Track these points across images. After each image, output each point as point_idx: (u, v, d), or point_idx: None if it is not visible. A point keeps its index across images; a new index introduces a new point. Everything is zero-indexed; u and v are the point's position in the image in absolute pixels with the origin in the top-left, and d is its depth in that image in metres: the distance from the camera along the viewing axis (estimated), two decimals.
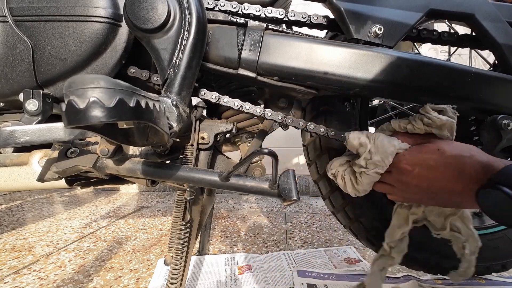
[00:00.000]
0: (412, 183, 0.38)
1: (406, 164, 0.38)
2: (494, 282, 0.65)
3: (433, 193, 0.37)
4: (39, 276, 0.73)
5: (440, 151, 0.37)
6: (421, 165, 0.37)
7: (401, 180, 0.39)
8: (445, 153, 0.36)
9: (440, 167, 0.36)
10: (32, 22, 0.38)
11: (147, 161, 0.37)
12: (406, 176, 0.38)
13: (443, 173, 0.36)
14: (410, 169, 0.38)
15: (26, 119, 0.37)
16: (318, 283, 0.65)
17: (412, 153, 0.39)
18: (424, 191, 0.38)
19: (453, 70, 0.42)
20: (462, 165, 0.35)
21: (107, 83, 0.20)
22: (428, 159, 0.37)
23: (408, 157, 0.39)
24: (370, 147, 0.40)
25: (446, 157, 0.36)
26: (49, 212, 1.31)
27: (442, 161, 0.36)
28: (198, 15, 0.37)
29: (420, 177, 0.37)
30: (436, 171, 0.36)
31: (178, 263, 0.44)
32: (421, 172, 0.37)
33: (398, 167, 0.39)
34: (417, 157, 0.38)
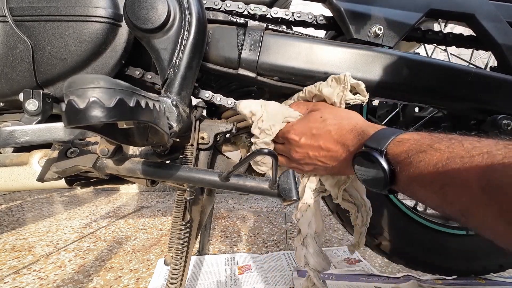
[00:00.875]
0: (300, 153, 0.38)
1: (293, 134, 0.38)
2: (494, 282, 0.65)
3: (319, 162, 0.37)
4: (39, 276, 0.73)
5: (322, 118, 0.37)
6: (306, 133, 0.37)
7: (291, 150, 0.39)
8: (326, 120, 0.36)
9: (322, 135, 0.36)
10: (32, 22, 0.38)
11: (147, 161, 0.37)
12: (295, 145, 0.38)
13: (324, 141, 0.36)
14: (297, 139, 0.38)
15: (26, 119, 0.37)
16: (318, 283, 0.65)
17: (300, 122, 0.39)
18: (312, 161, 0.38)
19: (453, 70, 0.43)
20: (340, 132, 0.35)
21: (107, 83, 0.20)
22: (312, 127, 0.37)
23: (295, 126, 0.39)
24: (262, 114, 0.39)
25: (327, 124, 0.36)
26: (49, 212, 1.31)
27: (324, 129, 0.36)
28: (198, 15, 0.37)
29: (306, 146, 0.37)
30: (318, 139, 0.36)
31: (178, 263, 0.44)
32: (306, 141, 0.37)
33: (287, 137, 0.39)
34: (303, 125, 0.38)
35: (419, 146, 0.26)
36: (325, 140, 0.36)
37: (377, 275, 0.69)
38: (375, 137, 0.31)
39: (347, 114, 0.38)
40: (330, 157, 0.36)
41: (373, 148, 0.29)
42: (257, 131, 0.39)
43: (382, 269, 0.74)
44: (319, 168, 0.38)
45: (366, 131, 0.33)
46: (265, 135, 0.39)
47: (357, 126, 0.34)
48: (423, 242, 0.58)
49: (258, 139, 0.39)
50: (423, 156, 0.25)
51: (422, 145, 0.26)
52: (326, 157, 0.36)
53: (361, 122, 0.36)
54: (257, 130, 0.39)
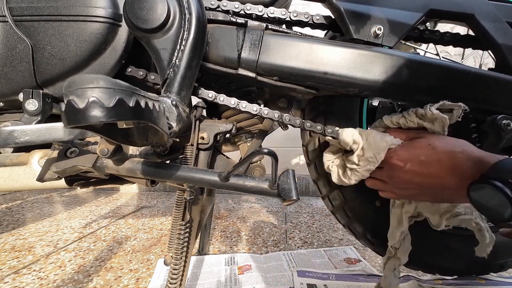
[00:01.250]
0: (403, 179, 0.38)
1: (397, 160, 0.38)
2: (494, 282, 0.65)
3: (425, 189, 0.37)
4: (39, 276, 0.73)
5: (431, 146, 0.37)
6: (412, 160, 0.37)
7: (393, 176, 0.39)
8: (437, 148, 0.36)
9: (432, 163, 0.36)
10: (31, 22, 0.38)
11: (147, 161, 0.37)
12: (398, 171, 0.38)
13: (435, 169, 0.35)
14: (402, 165, 0.37)
15: (26, 119, 0.37)
16: (318, 283, 0.65)
17: (404, 149, 0.39)
18: (415, 186, 0.38)
19: (453, 70, 0.42)
20: (454, 160, 0.35)
21: (106, 83, 0.20)
22: (419, 154, 0.37)
23: (399, 152, 0.39)
24: (363, 143, 0.40)
25: (438, 152, 0.36)
26: (49, 212, 1.31)
27: (433, 157, 0.36)
28: (198, 15, 0.37)
29: (412, 172, 0.37)
30: (427, 167, 0.36)
31: (178, 263, 0.44)
32: (413, 167, 0.37)
33: (389, 162, 0.39)
34: (409, 152, 0.38)
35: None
36: (436, 168, 0.35)
37: (377, 275, 0.69)
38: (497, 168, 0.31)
39: (457, 143, 0.37)
40: (440, 185, 0.35)
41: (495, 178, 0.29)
42: (356, 159, 0.40)
43: (382, 269, 0.74)
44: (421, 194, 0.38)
45: (485, 160, 0.33)
46: (368, 163, 0.39)
47: (473, 155, 0.34)
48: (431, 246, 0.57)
49: (359, 167, 0.40)
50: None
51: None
52: (435, 184, 0.36)
53: (476, 151, 0.35)
54: (356, 158, 0.40)
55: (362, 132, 0.41)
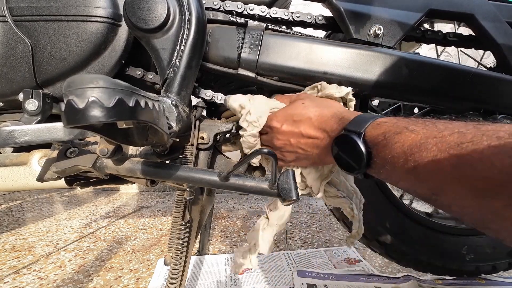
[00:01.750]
0: (282, 141, 0.38)
1: (276, 121, 0.38)
2: (494, 282, 0.65)
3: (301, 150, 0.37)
4: (39, 276, 0.73)
5: (304, 104, 0.37)
6: (287, 120, 0.37)
7: (273, 139, 0.39)
8: (308, 107, 0.36)
9: (303, 121, 0.36)
10: (31, 22, 0.38)
11: (147, 161, 0.37)
12: (276, 133, 0.38)
13: (305, 127, 0.36)
14: (279, 126, 0.38)
15: (26, 119, 0.37)
16: (318, 283, 0.65)
17: (281, 110, 0.39)
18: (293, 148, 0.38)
19: (453, 70, 0.42)
20: (322, 117, 0.35)
21: (106, 83, 0.20)
22: (293, 114, 0.37)
23: (277, 113, 0.39)
24: (249, 107, 0.39)
25: (309, 111, 0.36)
26: (49, 212, 1.31)
27: (305, 115, 0.36)
28: (198, 15, 0.37)
29: (287, 133, 0.37)
30: (299, 125, 0.36)
31: (178, 263, 0.44)
32: (288, 127, 0.37)
33: (270, 125, 0.39)
34: (285, 113, 0.38)
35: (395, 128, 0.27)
36: (306, 126, 0.36)
37: (377, 275, 0.69)
38: (354, 121, 0.31)
39: (328, 103, 0.38)
40: (311, 143, 0.36)
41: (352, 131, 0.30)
42: (245, 124, 0.40)
43: (382, 269, 0.74)
44: (300, 156, 0.38)
45: (347, 116, 0.33)
46: (253, 127, 0.39)
47: (338, 113, 0.35)
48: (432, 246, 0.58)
49: (246, 132, 0.40)
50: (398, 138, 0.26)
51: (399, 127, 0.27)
52: (307, 144, 0.36)
53: (342, 109, 0.36)
54: (245, 123, 0.40)
55: (251, 97, 0.40)
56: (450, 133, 0.23)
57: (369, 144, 0.29)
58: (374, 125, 0.29)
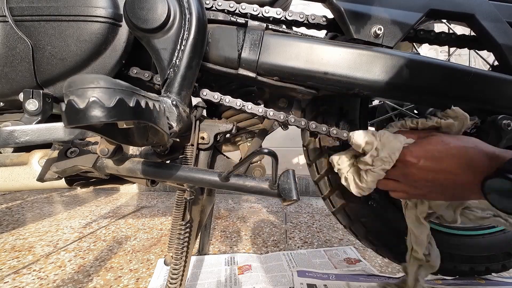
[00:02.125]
0: (417, 176, 0.37)
1: (411, 157, 0.38)
2: (494, 282, 0.65)
3: (438, 186, 0.37)
4: (39, 276, 0.73)
5: (444, 142, 0.37)
6: (426, 156, 0.37)
7: (406, 173, 0.38)
8: (449, 144, 0.36)
9: (445, 158, 0.35)
10: (32, 22, 0.38)
11: (147, 161, 0.37)
12: (411, 168, 0.38)
13: (448, 164, 0.35)
14: (415, 161, 0.37)
15: (26, 119, 0.37)
16: (318, 283, 0.65)
17: (417, 146, 0.39)
18: (429, 184, 0.37)
19: (453, 70, 0.42)
20: (467, 155, 0.34)
21: (107, 83, 0.20)
22: (433, 150, 0.37)
23: (412, 149, 0.38)
24: (377, 144, 0.39)
25: (451, 148, 0.36)
26: (49, 212, 1.31)
27: (447, 152, 0.36)
28: (198, 15, 0.37)
29: (425, 168, 0.37)
30: (441, 162, 0.36)
31: (178, 263, 0.44)
32: (426, 164, 0.36)
33: (403, 160, 0.39)
34: (422, 148, 0.38)
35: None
36: (449, 163, 0.35)
37: (377, 275, 0.69)
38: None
39: (469, 139, 0.37)
40: (453, 181, 0.35)
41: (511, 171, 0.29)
42: (370, 159, 0.40)
43: (382, 269, 0.74)
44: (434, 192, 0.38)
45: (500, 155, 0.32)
46: (383, 163, 0.39)
47: (487, 150, 0.34)
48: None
49: (374, 167, 0.40)
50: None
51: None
52: (448, 180, 0.35)
53: (490, 147, 0.35)
54: (370, 159, 0.40)
55: (375, 133, 0.41)
56: None
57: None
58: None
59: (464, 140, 0.37)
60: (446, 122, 0.41)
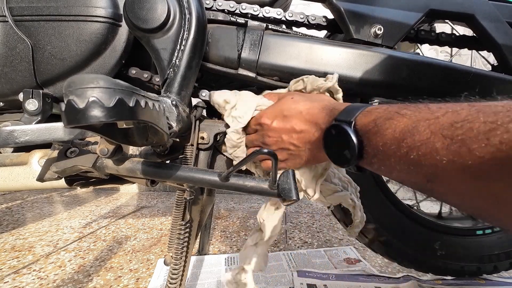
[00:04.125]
0: (273, 138, 0.36)
1: (265, 118, 0.37)
2: (493, 283, 0.65)
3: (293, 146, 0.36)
4: (39, 276, 0.73)
5: (294, 99, 0.36)
6: (278, 116, 0.36)
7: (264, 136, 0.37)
8: (298, 102, 0.35)
9: (293, 116, 0.35)
10: (32, 22, 0.38)
11: (147, 161, 0.37)
12: (267, 130, 0.37)
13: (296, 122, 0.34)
14: (269, 123, 0.36)
15: (26, 118, 0.37)
16: (318, 283, 0.65)
17: (271, 107, 0.38)
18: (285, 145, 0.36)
19: (453, 70, 0.42)
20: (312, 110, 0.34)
21: (106, 83, 0.20)
22: (283, 109, 0.36)
23: (267, 110, 0.38)
24: (235, 102, 0.38)
25: (298, 105, 0.35)
26: (49, 212, 1.31)
27: (295, 110, 0.35)
28: (198, 15, 0.37)
29: (278, 129, 0.36)
30: (290, 121, 0.35)
31: (178, 263, 0.44)
32: (278, 124, 0.36)
33: (260, 122, 0.38)
34: (274, 109, 0.37)
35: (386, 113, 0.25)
36: (297, 120, 0.34)
37: (377, 275, 0.69)
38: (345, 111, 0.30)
39: (318, 97, 0.37)
40: (303, 138, 0.35)
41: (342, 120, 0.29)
42: (230, 119, 0.38)
43: (382, 269, 0.74)
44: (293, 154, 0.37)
45: (337, 107, 0.32)
46: (237, 123, 0.38)
47: (329, 105, 0.34)
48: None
49: (229, 128, 0.38)
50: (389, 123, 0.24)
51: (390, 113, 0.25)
52: (299, 139, 0.35)
53: (332, 101, 0.35)
54: (230, 118, 0.38)
55: (236, 93, 0.39)
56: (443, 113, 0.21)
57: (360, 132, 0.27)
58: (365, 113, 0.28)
59: (313, 97, 0.37)
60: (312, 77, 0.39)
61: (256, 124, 0.39)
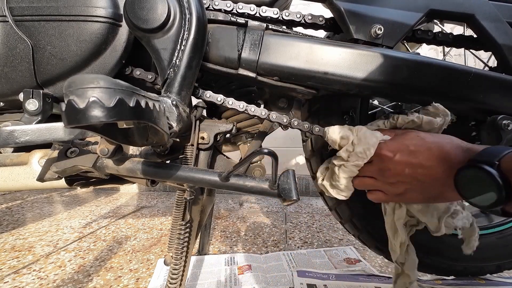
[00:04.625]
0: (393, 170, 0.37)
1: (387, 151, 0.37)
2: (493, 283, 0.65)
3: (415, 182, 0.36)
4: (39, 276, 0.73)
5: (420, 137, 0.37)
6: (402, 150, 0.36)
7: (382, 169, 0.38)
8: (426, 139, 0.36)
9: (421, 152, 0.35)
10: (32, 22, 0.38)
11: (147, 161, 0.37)
12: (387, 162, 0.37)
13: (424, 157, 0.35)
14: (391, 155, 0.37)
15: (26, 118, 0.37)
16: (318, 283, 0.65)
17: (393, 140, 0.38)
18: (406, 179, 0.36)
19: (453, 70, 0.42)
20: (442, 149, 0.34)
21: (107, 83, 0.20)
22: (409, 144, 0.36)
23: (389, 143, 0.38)
24: (353, 139, 0.39)
25: (427, 142, 0.35)
26: (49, 212, 1.31)
27: (423, 146, 0.35)
28: (198, 15, 0.37)
29: (401, 162, 0.36)
30: (417, 156, 0.35)
31: (178, 263, 0.44)
32: (402, 158, 0.36)
33: (379, 154, 0.38)
34: (398, 143, 0.37)
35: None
36: (425, 156, 0.34)
37: (377, 275, 0.69)
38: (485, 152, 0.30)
39: (444, 135, 0.37)
40: (429, 175, 0.34)
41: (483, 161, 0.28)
42: (345, 154, 0.39)
43: (382, 269, 0.74)
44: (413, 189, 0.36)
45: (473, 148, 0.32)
46: (357, 158, 0.38)
47: (462, 145, 0.34)
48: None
49: (347, 162, 0.39)
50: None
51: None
52: (425, 175, 0.35)
53: (464, 143, 0.35)
54: (345, 153, 0.39)
55: (352, 129, 0.40)
56: None
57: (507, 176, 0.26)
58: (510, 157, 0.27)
59: (440, 136, 0.37)
60: (427, 118, 0.40)
61: (375, 155, 0.38)
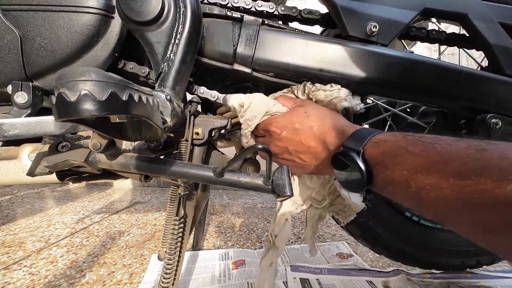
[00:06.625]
0: (279, 147, 0.37)
1: (275, 127, 0.37)
2: (479, 276, 0.68)
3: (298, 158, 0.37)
4: (30, 271, 0.72)
5: (307, 113, 0.37)
6: (288, 127, 0.37)
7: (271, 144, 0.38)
8: (310, 116, 0.36)
9: (304, 130, 0.35)
10: (20, 11, 0.37)
11: (141, 156, 0.36)
12: (275, 139, 0.38)
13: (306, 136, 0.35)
14: (278, 132, 0.37)
15: (15, 112, 0.36)
16: (310, 278, 0.66)
17: (283, 116, 0.38)
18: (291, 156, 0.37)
19: (445, 69, 0.43)
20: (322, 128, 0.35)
21: (98, 76, 0.19)
22: (295, 122, 0.36)
23: (278, 119, 0.38)
24: (248, 105, 0.39)
25: (311, 120, 0.36)
26: (40, 207, 1.29)
27: (306, 124, 0.36)
28: (193, 8, 0.37)
29: (286, 140, 0.36)
30: (300, 134, 0.36)
31: (172, 258, 0.44)
32: (287, 134, 0.36)
33: (268, 129, 0.38)
34: (286, 119, 0.37)
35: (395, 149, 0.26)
36: (307, 136, 0.35)
37: (368, 270, 0.70)
38: (353, 137, 0.31)
39: (330, 113, 0.38)
40: (309, 154, 0.35)
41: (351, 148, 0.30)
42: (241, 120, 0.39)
43: (373, 264, 0.75)
44: (296, 165, 0.38)
45: (346, 130, 0.33)
46: (246, 126, 0.38)
47: (338, 125, 0.35)
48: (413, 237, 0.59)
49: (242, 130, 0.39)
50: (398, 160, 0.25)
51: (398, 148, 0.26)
52: (306, 154, 0.36)
53: (342, 121, 0.36)
54: (241, 120, 0.39)
55: (250, 96, 0.40)
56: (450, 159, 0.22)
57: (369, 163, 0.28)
58: (373, 143, 0.29)
59: (326, 113, 0.37)
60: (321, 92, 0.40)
61: (265, 130, 0.39)
